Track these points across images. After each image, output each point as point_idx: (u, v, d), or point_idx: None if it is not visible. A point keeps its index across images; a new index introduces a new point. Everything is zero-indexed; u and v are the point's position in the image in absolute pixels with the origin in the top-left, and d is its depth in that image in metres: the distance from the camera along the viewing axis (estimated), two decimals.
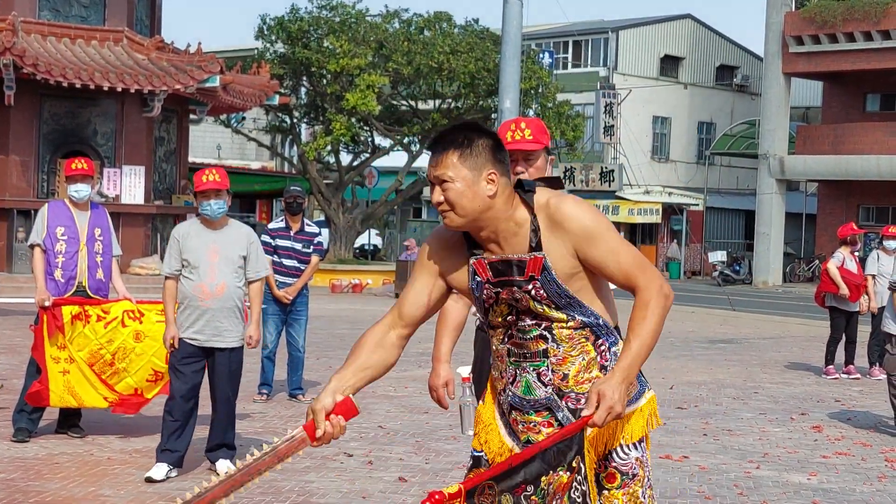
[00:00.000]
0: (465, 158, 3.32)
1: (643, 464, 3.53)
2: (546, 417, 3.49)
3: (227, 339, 7.23)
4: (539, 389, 3.48)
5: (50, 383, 7.93)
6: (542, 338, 3.45)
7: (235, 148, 48.42)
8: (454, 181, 3.32)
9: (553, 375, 3.46)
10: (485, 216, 3.35)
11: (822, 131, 38.39)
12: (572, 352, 3.45)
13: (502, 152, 3.39)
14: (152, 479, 6.99)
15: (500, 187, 3.34)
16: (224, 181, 7.24)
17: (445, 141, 3.35)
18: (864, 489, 7.51)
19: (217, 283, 7.16)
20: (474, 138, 3.34)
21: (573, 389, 3.46)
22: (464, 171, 3.31)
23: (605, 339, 3.48)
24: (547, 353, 3.46)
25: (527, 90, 30.53)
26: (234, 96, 25.03)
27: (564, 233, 3.35)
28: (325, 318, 19.27)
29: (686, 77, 46.01)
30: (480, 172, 3.32)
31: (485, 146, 3.34)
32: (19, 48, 21.00)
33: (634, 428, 3.51)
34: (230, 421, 7.40)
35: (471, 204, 3.32)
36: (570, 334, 3.44)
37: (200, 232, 7.25)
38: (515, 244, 3.39)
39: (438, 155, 3.35)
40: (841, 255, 13.60)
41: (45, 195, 22.39)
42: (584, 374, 3.46)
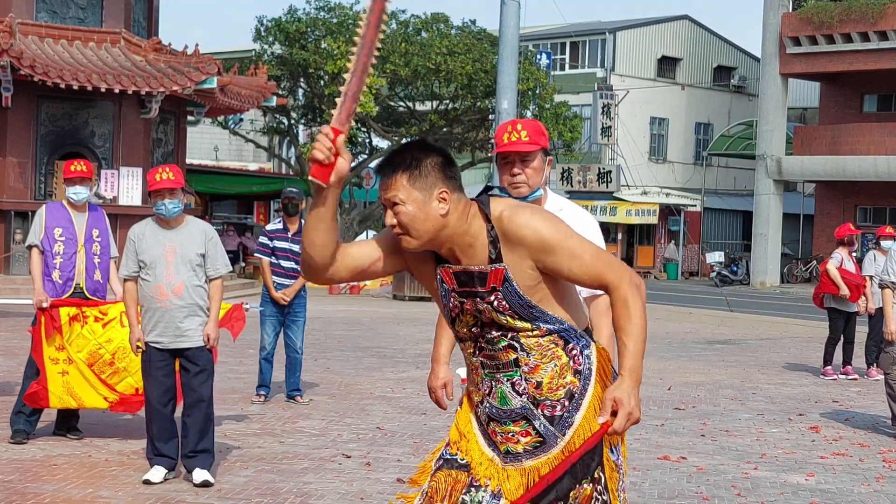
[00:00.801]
0: (415, 179, 3.26)
1: (618, 467, 3.51)
2: (524, 427, 3.46)
3: (192, 338, 7.03)
4: (514, 399, 3.45)
5: (49, 384, 7.93)
6: (511, 348, 3.42)
7: (233, 149, 48.39)
8: (405, 203, 3.27)
9: (527, 384, 3.43)
10: (440, 235, 3.31)
11: (819, 132, 38.42)
12: (543, 360, 3.42)
13: (452, 168, 3.33)
14: (150, 482, 6.95)
15: (452, 204, 3.29)
16: (178, 179, 7.05)
17: (394, 163, 3.30)
18: (862, 490, 7.51)
19: (174, 283, 6.96)
20: (422, 158, 3.29)
21: (548, 397, 3.44)
22: (414, 192, 3.26)
23: (576, 342, 3.45)
24: (518, 362, 3.43)
25: (524, 91, 30.54)
26: (231, 98, 25.02)
27: (521, 246, 3.31)
28: (322, 319, 19.27)
29: (683, 78, 46.03)
30: (431, 192, 3.27)
31: (434, 165, 3.29)
32: (17, 50, 20.99)
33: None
34: (206, 426, 7.10)
35: (424, 225, 3.28)
36: (539, 342, 3.41)
37: (156, 231, 7.07)
38: (473, 255, 3.35)
39: (388, 177, 3.29)
40: (839, 256, 13.60)
41: (42, 197, 22.37)
42: (557, 381, 3.43)
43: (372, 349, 14.91)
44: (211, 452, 7.16)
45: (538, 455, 3.46)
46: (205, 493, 6.83)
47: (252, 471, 7.50)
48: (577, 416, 3.44)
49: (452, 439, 3.64)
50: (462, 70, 30.73)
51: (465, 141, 34.89)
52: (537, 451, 3.46)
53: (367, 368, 12.92)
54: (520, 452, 3.48)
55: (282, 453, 8.10)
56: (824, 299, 13.76)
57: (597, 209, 38.59)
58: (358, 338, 16.52)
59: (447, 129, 33.86)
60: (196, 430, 7.07)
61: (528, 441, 3.46)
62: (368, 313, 21.47)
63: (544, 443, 3.45)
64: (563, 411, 3.44)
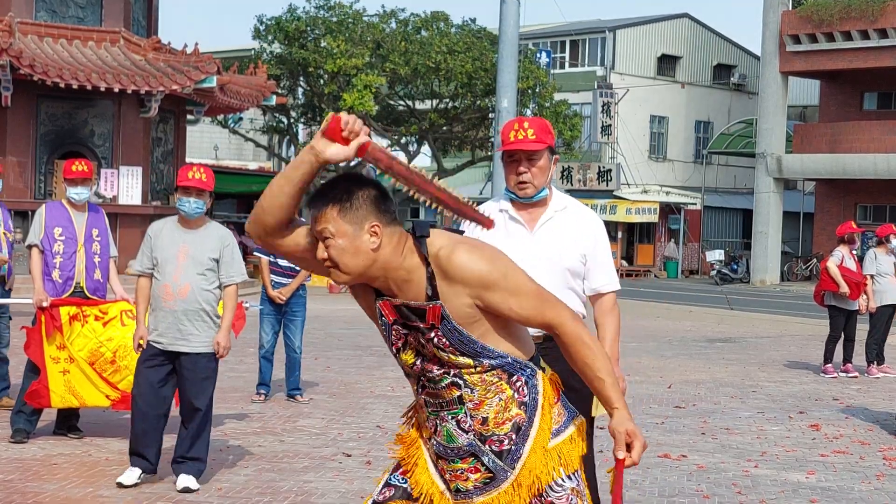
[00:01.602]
0: (345, 213, 3.20)
1: (580, 493, 3.41)
2: (472, 463, 3.40)
3: (192, 343, 6.86)
4: (461, 437, 3.39)
5: (50, 383, 7.91)
6: (454, 385, 3.35)
7: (233, 148, 48.40)
8: (335, 237, 3.20)
9: (472, 421, 3.37)
10: (371, 270, 3.24)
11: (819, 130, 38.42)
12: (487, 394, 3.35)
13: (387, 202, 3.25)
14: (122, 485, 6.79)
15: (385, 238, 3.22)
16: (209, 182, 6.96)
17: (325, 195, 3.23)
18: (863, 487, 7.51)
19: (181, 284, 6.82)
20: (354, 190, 3.22)
21: (494, 432, 3.37)
22: (344, 225, 3.19)
23: (520, 373, 3.37)
24: (462, 399, 3.36)
25: (524, 90, 30.54)
26: (231, 97, 25.01)
27: (459, 284, 3.23)
28: (322, 318, 19.27)
29: (683, 76, 46.03)
30: (362, 226, 3.19)
31: (366, 198, 3.22)
32: (16, 49, 20.98)
33: (568, 458, 3.40)
34: (199, 434, 6.93)
35: (353, 260, 3.21)
36: (482, 378, 3.34)
37: (173, 230, 6.97)
38: (409, 291, 3.28)
39: (318, 210, 3.22)
40: (840, 254, 13.60)
41: (42, 196, 22.38)
42: (503, 415, 3.36)
43: (372, 348, 14.90)
44: (202, 461, 6.98)
45: (489, 490, 3.40)
46: (205, 492, 6.82)
47: (252, 469, 7.49)
48: (524, 448, 3.37)
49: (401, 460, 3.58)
50: (462, 68, 30.74)
51: (464, 139, 34.92)
52: (487, 486, 3.40)
53: (368, 367, 12.92)
54: (470, 489, 3.42)
55: (282, 452, 8.09)
56: (825, 297, 13.75)
57: (597, 208, 38.58)
58: (358, 336, 16.52)
59: (447, 127, 33.87)
60: (189, 437, 6.92)
61: (477, 477, 3.40)
62: None
63: (494, 478, 3.39)
64: (511, 444, 3.37)
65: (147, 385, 6.89)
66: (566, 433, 3.43)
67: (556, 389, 3.46)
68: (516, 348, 3.38)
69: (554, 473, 3.37)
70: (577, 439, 3.44)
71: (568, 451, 3.41)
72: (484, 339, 3.30)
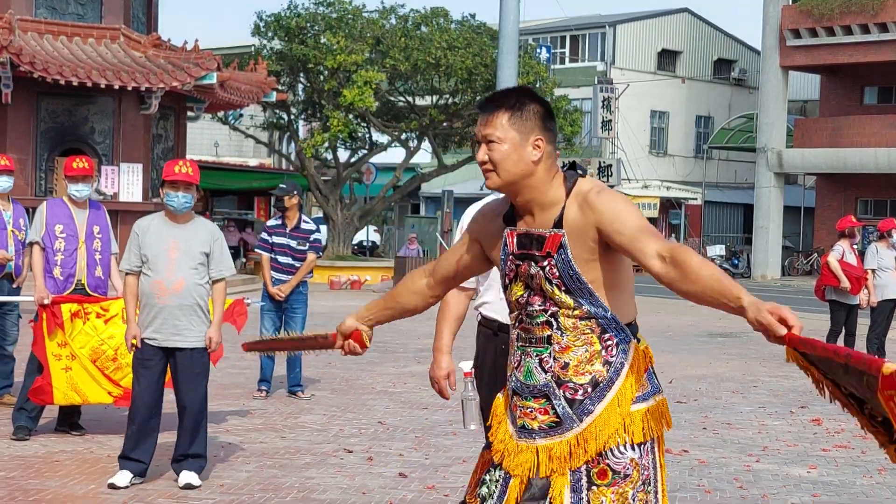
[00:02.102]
0: (515, 121, 3.34)
1: (639, 466, 3.42)
2: (543, 404, 3.46)
3: (187, 338, 6.82)
4: (539, 376, 3.46)
5: (53, 380, 7.91)
6: (547, 324, 3.43)
7: (233, 145, 48.37)
8: (501, 142, 3.34)
9: (554, 363, 3.43)
10: (524, 182, 3.37)
11: (819, 124, 38.40)
12: (576, 342, 3.41)
13: (552, 121, 3.41)
14: (116, 486, 6.74)
15: (544, 155, 3.37)
16: (196, 176, 6.93)
17: (497, 101, 3.39)
18: (864, 482, 7.51)
19: (174, 279, 6.77)
20: (526, 102, 3.37)
21: (572, 379, 3.42)
22: (511, 132, 3.34)
23: (614, 334, 3.42)
24: (551, 339, 3.43)
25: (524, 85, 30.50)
26: (231, 93, 24.99)
27: (592, 213, 3.32)
28: (323, 314, 19.27)
29: (684, 71, 45.99)
30: (528, 137, 3.35)
31: (535, 112, 3.37)
32: (16, 46, 20.97)
33: (635, 428, 3.43)
34: (197, 430, 6.91)
35: (514, 167, 3.35)
36: (575, 324, 3.40)
37: (161, 226, 6.91)
38: (541, 215, 3.40)
39: (488, 114, 3.37)
40: (841, 248, 13.59)
41: (42, 193, 22.37)
42: (585, 366, 3.42)
43: (373, 344, 14.87)
44: (202, 457, 6.97)
45: (552, 436, 3.44)
46: (207, 489, 6.83)
47: (254, 466, 7.50)
48: (598, 406, 3.41)
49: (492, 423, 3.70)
50: (462, 64, 30.71)
51: (465, 136, 34.85)
52: (552, 431, 3.45)
53: (369, 363, 12.93)
54: (534, 429, 3.47)
55: (284, 448, 8.10)
56: (825, 292, 13.76)
57: None
58: None
59: (447, 123, 33.84)
60: (187, 435, 6.90)
61: (544, 419, 3.45)
62: None
63: (560, 424, 3.44)
64: (585, 397, 3.41)
65: (147, 386, 6.86)
66: (643, 405, 3.45)
67: (647, 362, 3.49)
68: (618, 308, 3.43)
69: (619, 439, 3.40)
70: (654, 415, 3.46)
71: (639, 422, 3.43)
72: (592, 284, 3.37)
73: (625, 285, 3.47)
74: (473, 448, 8.26)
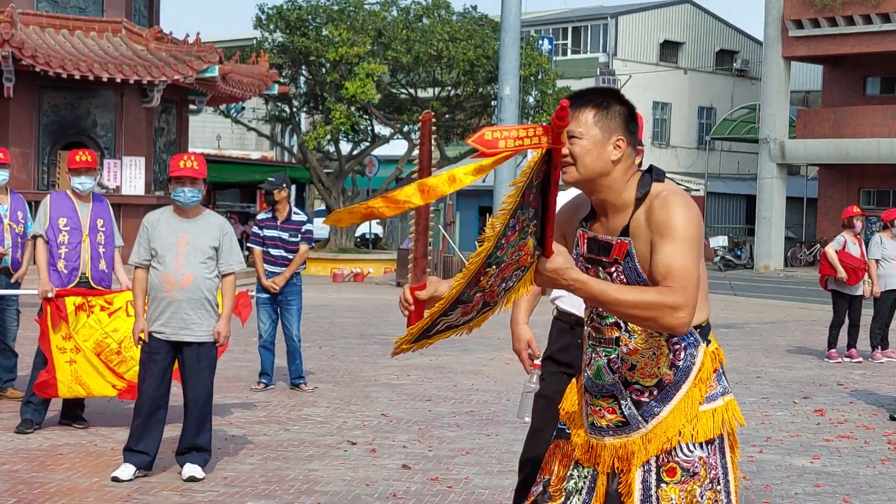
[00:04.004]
0: (600, 119, 3.41)
1: (707, 465, 3.44)
2: (611, 404, 3.50)
3: (195, 332, 6.83)
4: (608, 376, 3.49)
5: (57, 373, 7.92)
6: (616, 325, 3.46)
7: (235, 138, 48.38)
8: (583, 137, 3.40)
9: (622, 364, 3.46)
10: (600, 180, 3.41)
11: (822, 115, 38.34)
12: (643, 345, 3.43)
13: (634, 124, 3.46)
14: (119, 479, 6.75)
15: (623, 156, 3.41)
16: (202, 170, 6.93)
17: (584, 98, 3.45)
18: (867, 472, 7.52)
19: (183, 273, 6.79)
20: (612, 103, 3.44)
21: (639, 381, 3.45)
22: (595, 130, 3.40)
23: (681, 338, 3.42)
24: (619, 341, 3.46)
25: (526, 77, 30.48)
26: (233, 86, 24.99)
27: (654, 221, 3.34)
28: (327, 307, 19.28)
29: (686, 62, 45.94)
30: (610, 136, 3.40)
31: (620, 113, 3.43)
32: (18, 40, 20.97)
33: (704, 428, 3.44)
34: (203, 423, 6.93)
35: (593, 163, 3.39)
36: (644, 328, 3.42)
37: (171, 220, 6.92)
38: (613, 220, 3.44)
39: (575, 109, 3.42)
40: (842, 239, 13.59)
41: (45, 187, 22.37)
42: (651, 369, 3.44)
43: (376, 336, 14.91)
44: (207, 450, 6.99)
45: (619, 435, 3.49)
46: (211, 481, 6.84)
47: (258, 458, 7.51)
48: (664, 408, 3.43)
49: (565, 408, 3.73)
50: (464, 56, 30.67)
51: (467, 128, 34.83)
52: (619, 430, 3.49)
53: (372, 355, 12.93)
54: (603, 427, 3.52)
55: (287, 441, 8.11)
56: (828, 282, 13.77)
57: None
58: (362, 325, 16.53)
59: (449, 115, 33.82)
60: (192, 428, 6.91)
61: (612, 419, 3.49)
62: (372, 300, 21.48)
63: (627, 424, 3.48)
64: (651, 399, 3.44)
65: (154, 379, 6.87)
66: (711, 405, 3.47)
67: (716, 363, 3.50)
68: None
69: (686, 438, 3.42)
70: (721, 414, 3.47)
71: (706, 421, 3.44)
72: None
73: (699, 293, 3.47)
74: (477, 440, 8.28)
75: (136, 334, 6.93)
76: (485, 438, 8.32)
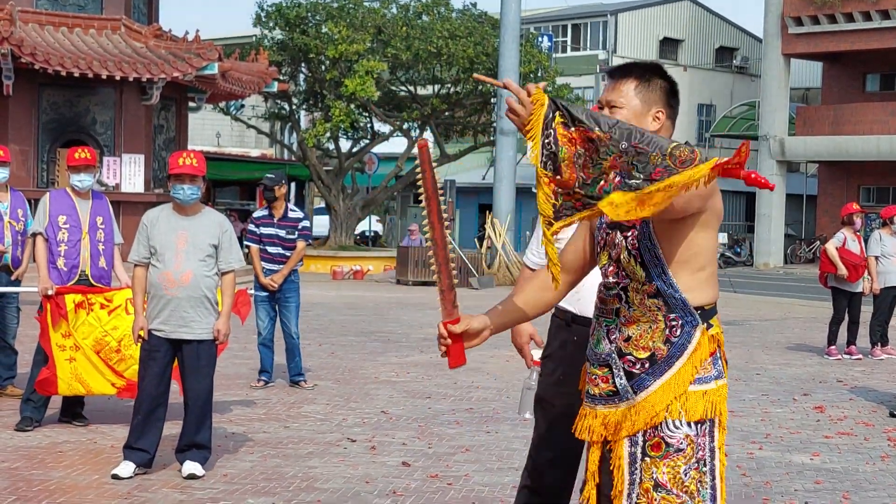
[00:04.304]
0: (640, 90, 3.51)
1: (694, 444, 3.46)
2: (605, 373, 3.55)
3: (195, 330, 6.82)
4: (605, 345, 3.55)
5: (57, 371, 7.92)
6: (617, 297, 3.52)
7: (235, 135, 48.37)
8: (623, 108, 3.48)
9: (618, 335, 3.52)
10: None
11: (821, 112, 38.35)
12: (641, 318, 3.48)
13: (675, 100, 3.54)
14: (119, 477, 6.74)
15: (662, 128, 3.49)
16: (201, 167, 6.92)
17: (627, 69, 3.56)
18: (867, 469, 7.52)
19: (183, 271, 6.78)
20: (654, 77, 3.53)
21: (632, 352, 3.48)
22: (635, 100, 3.50)
23: (680, 315, 3.45)
24: (619, 312, 3.52)
25: (526, 74, 30.48)
26: (232, 84, 24.97)
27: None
28: (326, 304, 19.28)
29: (685, 59, 45.92)
30: (650, 108, 3.50)
31: (661, 86, 3.53)
32: (17, 37, 20.95)
33: (692, 407, 3.46)
34: (202, 420, 6.93)
35: None
36: (643, 300, 3.46)
37: (170, 218, 6.91)
38: None
39: (616, 80, 3.51)
40: (842, 236, 13.59)
41: (45, 184, 22.37)
42: (645, 341, 3.47)
43: (376, 334, 14.91)
44: (206, 448, 6.99)
45: (608, 404, 3.54)
46: (210, 479, 6.84)
47: (257, 456, 7.51)
48: (654, 382, 3.45)
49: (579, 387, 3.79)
50: (463, 53, 30.66)
51: (466, 125, 34.85)
52: (609, 400, 3.53)
53: (372, 353, 12.93)
54: (596, 396, 3.58)
55: (287, 438, 8.11)
56: (828, 279, 13.77)
57: None
58: (362, 322, 16.53)
59: (449, 112, 33.81)
60: (192, 425, 6.91)
61: (604, 388, 3.54)
62: (372, 298, 21.48)
63: (616, 394, 3.52)
64: (642, 371, 3.47)
65: (153, 377, 6.87)
66: (701, 387, 3.48)
67: (714, 347, 3.51)
68: (690, 289, 3.46)
69: (674, 415, 3.44)
70: (712, 397, 3.48)
71: (696, 401, 3.46)
72: (668, 260, 3.43)
73: (702, 266, 3.49)
74: (477, 437, 8.28)
75: (136, 332, 6.92)
76: (484, 436, 8.32)
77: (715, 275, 3.54)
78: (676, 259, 3.44)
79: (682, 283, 3.45)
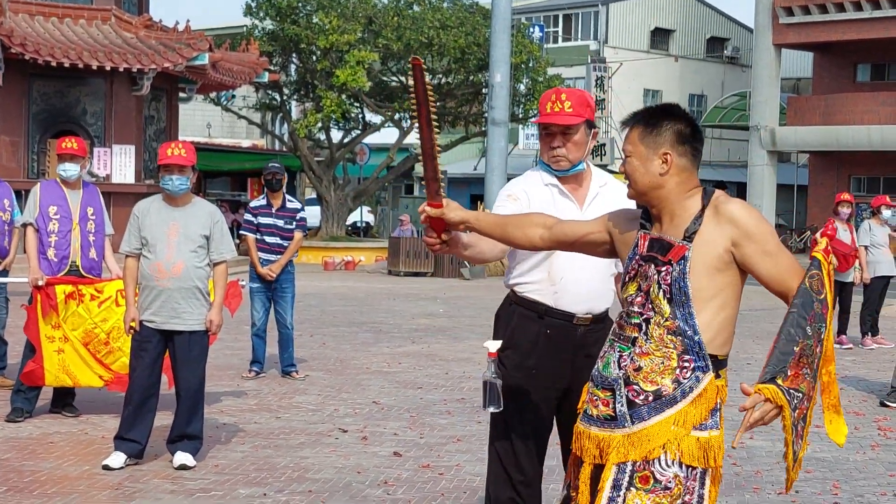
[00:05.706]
0: (645, 136, 3.53)
1: (682, 486, 3.47)
2: (607, 397, 3.55)
3: (186, 321, 6.82)
4: (614, 370, 3.56)
5: (45, 362, 7.92)
6: (638, 327, 3.54)
7: (226, 126, 48.26)
8: (632, 156, 3.55)
9: (630, 363, 3.53)
10: (655, 193, 3.53)
11: (812, 102, 38.37)
12: (655, 352, 3.50)
13: (694, 140, 3.55)
14: (110, 467, 6.73)
15: (673, 169, 3.51)
16: (190, 157, 6.89)
17: (635, 117, 3.61)
18: (857, 458, 7.55)
19: (174, 262, 6.77)
20: (662, 120, 3.54)
21: (639, 382, 3.50)
22: (641, 147, 3.53)
23: (693, 357, 3.50)
24: (635, 341, 3.54)
25: (517, 65, 30.47)
26: (223, 74, 24.93)
27: (728, 225, 3.45)
28: (318, 295, 19.27)
29: (676, 49, 45.92)
30: (656, 151, 3.51)
31: (669, 128, 3.53)
32: (7, 28, 20.89)
33: (687, 451, 3.51)
34: (194, 411, 6.93)
35: (641, 178, 3.52)
36: (662, 335, 3.49)
37: (161, 209, 6.90)
38: (674, 226, 3.52)
39: (627, 130, 3.59)
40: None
41: (35, 175, 22.31)
42: (655, 376, 3.50)
43: (367, 324, 14.91)
44: (198, 438, 6.99)
45: (604, 428, 3.55)
46: (202, 469, 6.84)
47: (249, 446, 7.51)
48: (653, 417, 3.48)
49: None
50: (455, 44, 30.63)
51: (458, 115, 34.83)
52: (605, 424, 3.55)
53: (363, 343, 12.93)
54: (593, 417, 3.59)
55: (278, 429, 8.11)
56: None
57: None
58: (353, 313, 16.53)
59: (440, 103, 33.77)
60: (183, 416, 6.91)
61: (603, 411, 3.56)
62: (363, 289, 21.47)
63: (613, 420, 3.53)
64: (644, 404, 3.49)
65: (144, 367, 6.86)
66: (700, 433, 3.56)
67: (716, 398, 3.63)
68: (710, 336, 3.53)
69: (668, 453, 3.48)
70: (708, 445, 3.57)
71: (692, 445, 3.52)
72: (695, 302, 3.48)
73: (724, 305, 3.57)
74: (468, 427, 8.29)
75: (128, 323, 6.91)
76: (476, 426, 8.33)
77: (734, 319, 3.62)
78: (705, 303, 3.50)
79: (703, 321, 3.50)
